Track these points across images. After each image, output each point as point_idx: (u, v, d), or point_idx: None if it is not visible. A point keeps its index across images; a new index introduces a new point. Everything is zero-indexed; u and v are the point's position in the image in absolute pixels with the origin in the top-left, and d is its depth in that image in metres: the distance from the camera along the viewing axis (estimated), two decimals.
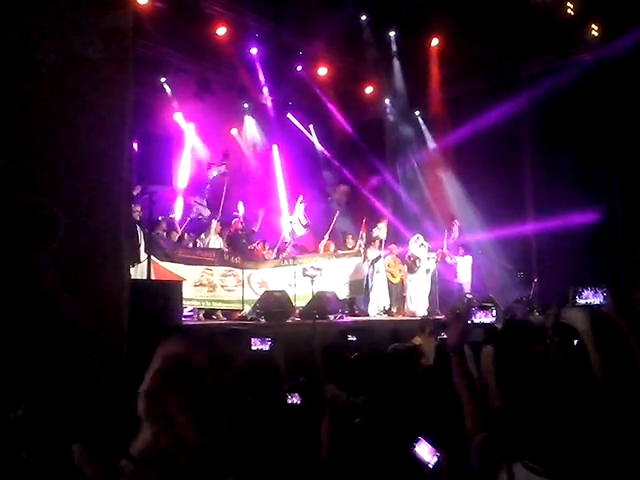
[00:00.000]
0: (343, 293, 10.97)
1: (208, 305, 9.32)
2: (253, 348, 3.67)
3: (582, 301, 2.64)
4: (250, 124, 14.01)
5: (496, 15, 10.42)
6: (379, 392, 3.17)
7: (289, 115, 14.19)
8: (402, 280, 11.82)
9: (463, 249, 11.95)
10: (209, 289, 9.33)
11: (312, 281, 9.99)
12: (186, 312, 8.40)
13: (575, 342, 2.88)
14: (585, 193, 11.39)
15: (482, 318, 2.63)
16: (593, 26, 11.09)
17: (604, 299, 2.56)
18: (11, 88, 4.78)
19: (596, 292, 2.62)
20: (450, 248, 11.94)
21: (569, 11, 10.69)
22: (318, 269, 10.49)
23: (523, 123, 12.57)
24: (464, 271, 11.80)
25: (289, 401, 2.87)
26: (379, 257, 11.54)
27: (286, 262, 10.73)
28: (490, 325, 2.63)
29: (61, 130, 4.96)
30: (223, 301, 9.47)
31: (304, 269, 10.34)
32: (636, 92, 10.79)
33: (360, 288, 11.33)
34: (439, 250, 11.78)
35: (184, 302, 8.67)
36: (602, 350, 2.45)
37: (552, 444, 1.86)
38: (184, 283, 8.63)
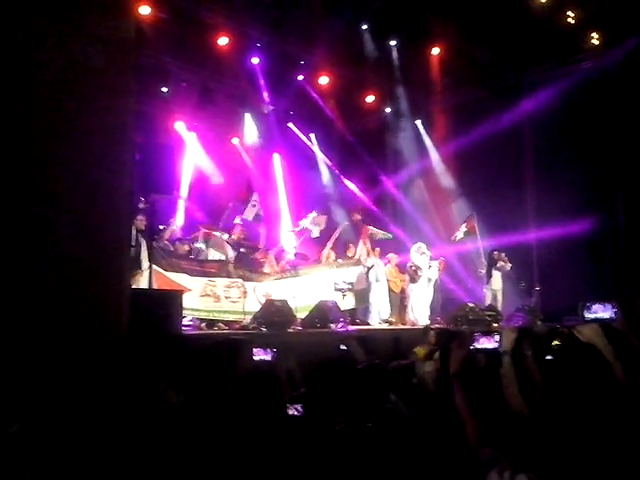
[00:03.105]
0: (349, 303, 10.92)
1: (215, 316, 9.28)
2: (255, 358, 3.63)
3: (591, 315, 2.63)
4: (251, 133, 14.02)
5: (497, 23, 10.44)
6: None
7: (290, 124, 14.21)
8: (403, 289, 11.77)
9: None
10: (214, 300, 9.29)
11: (343, 296, 10.02)
12: (186, 321, 8.36)
13: (550, 357, 2.86)
14: (587, 200, 11.38)
15: (485, 344, 2.63)
16: (594, 34, 11.12)
17: (614, 313, 2.56)
18: (12, 88, 4.78)
19: (605, 306, 2.61)
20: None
21: (570, 19, 10.72)
22: (350, 283, 10.49)
23: (525, 130, 12.57)
24: (496, 279, 11.70)
25: (290, 412, 2.85)
26: (372, 265, 11.48)
27: (288, 274, 10.68)
28: (492, 350, 2.63)
29: (63, 132, 4.96)
30: (229, 312, 9.44)
31: (335, 283, 10.33)
32: (636, 98, 10.80)
33: (366, 297, 11.29)
34: (441, 259, 11.74)
35: (191, 312, 8.69)
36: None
37: (558, 457, 1.84)
38: (190, 294, 8.63)
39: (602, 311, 2.60)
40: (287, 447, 2.65)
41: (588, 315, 2.64)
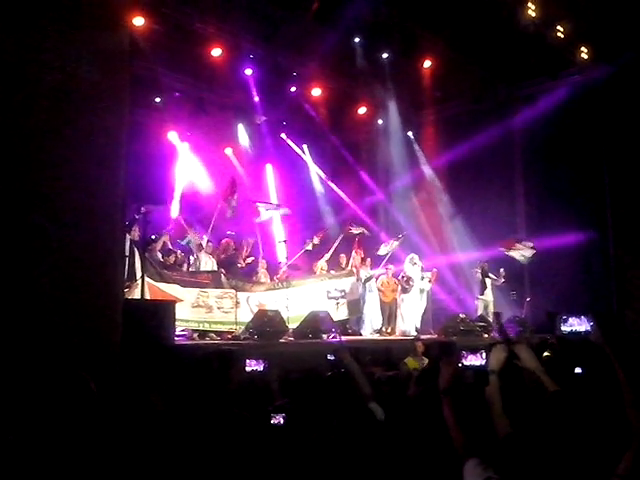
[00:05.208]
0: (342, 313, 10.94)
1: (206, 327, 9.25)
2: (248, 369, 3.65)
3: (567, 328, 2.65)
4: (244, 144, 14.06)
5: (488, 37, 10.57)
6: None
7: (283, 135, 14.27)
8: (395, 299, 11.79)
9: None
10: (206, 310, 9.28)
11: (337, 304, 10.00)
12: (178, 332, 8.34)
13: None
14: (577, 212, 11.49)
15: (472, 361, 2.63)
16: (583, 49, 11.26)
17: (590, 327, 2.58)
18: (12, 99, 4.81)
19: (581, 319, 2.63)
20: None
21: (559, 34, 10.85)
22: (342, 291, 10.53)
23: (515, 143, 12.70)
24: (488, 290, 11.73)
25: (273, 422, 2.89)
26: (371, 277, 11.54)
27: (280, 285, 10.68)
28: (480, 367, 2.63)
29: (59, 145, 5.00)
30: (221, 323, 9.42)
31: (328, 291, 10.36)
32: (625, 112, 10.94)
33: (358, 308, 11.32)
34: (434, 270, 11.79)
35: (182, 323, 8.67)
36: (593, 377, 2.46)
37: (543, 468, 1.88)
38: (182, 304, 8.61)
39: (578, 324, 2.63)
40: (270, 456, 2.68)
41: (564, 328, 2.67)
